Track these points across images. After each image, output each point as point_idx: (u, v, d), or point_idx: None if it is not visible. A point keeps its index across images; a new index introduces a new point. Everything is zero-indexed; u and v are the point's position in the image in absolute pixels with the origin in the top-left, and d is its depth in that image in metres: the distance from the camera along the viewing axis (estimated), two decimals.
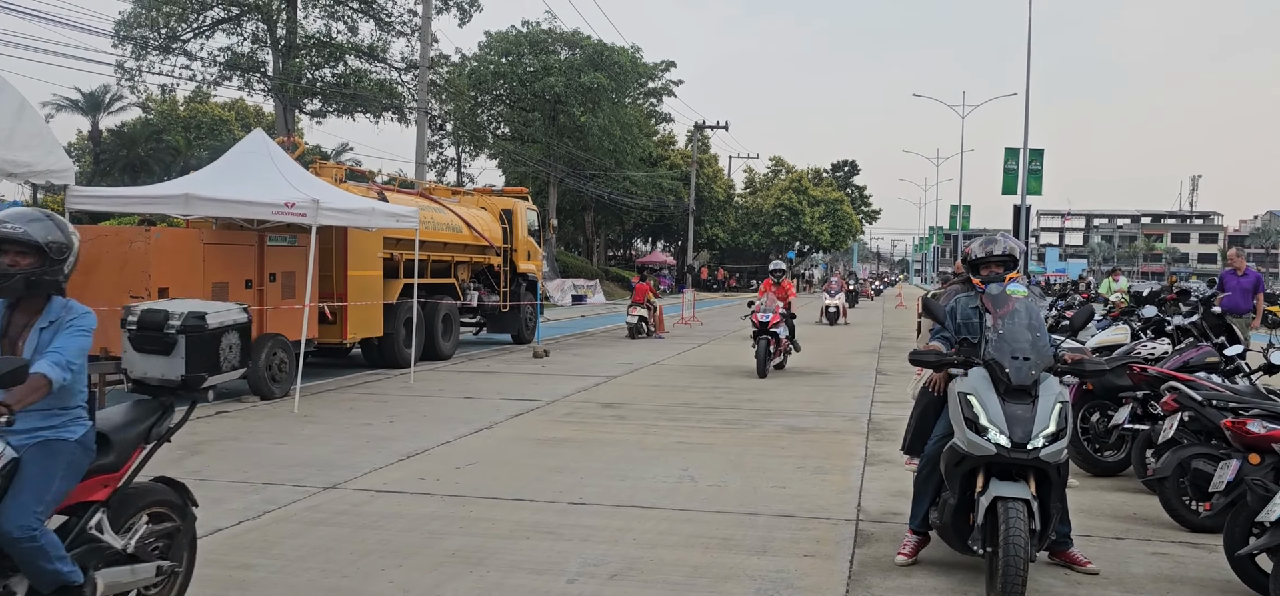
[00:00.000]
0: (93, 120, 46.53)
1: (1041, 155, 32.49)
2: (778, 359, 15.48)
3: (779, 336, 15.24)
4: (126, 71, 30.85)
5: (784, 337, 15.45)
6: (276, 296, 12.56)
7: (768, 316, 15.04)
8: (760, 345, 14.96)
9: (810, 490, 7.46)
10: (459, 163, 54.06)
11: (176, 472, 7.67)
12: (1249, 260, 16.11)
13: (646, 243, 73.72)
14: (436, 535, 6.10)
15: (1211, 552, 5.76)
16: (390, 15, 32.94)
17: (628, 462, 8.35)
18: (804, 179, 72.18)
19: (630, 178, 51.83)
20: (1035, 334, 5.10)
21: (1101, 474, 7.93)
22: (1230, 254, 15.55)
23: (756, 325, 15.09)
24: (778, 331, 15.20)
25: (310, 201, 11.48)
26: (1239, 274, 14.44)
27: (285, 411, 10.95)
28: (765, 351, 14.90)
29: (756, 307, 15.26)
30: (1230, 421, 5.37)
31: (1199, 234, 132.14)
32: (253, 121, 46.13)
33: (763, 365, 14.75)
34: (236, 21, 31.64)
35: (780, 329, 15.27)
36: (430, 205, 17.24)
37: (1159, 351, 8.31)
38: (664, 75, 53.29)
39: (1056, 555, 5.53)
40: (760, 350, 14.91)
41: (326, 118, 34.36)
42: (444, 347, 16.86)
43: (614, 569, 5.49)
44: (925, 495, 5.56)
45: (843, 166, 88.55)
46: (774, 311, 15.18)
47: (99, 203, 13.27)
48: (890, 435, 9.66)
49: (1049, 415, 4.84)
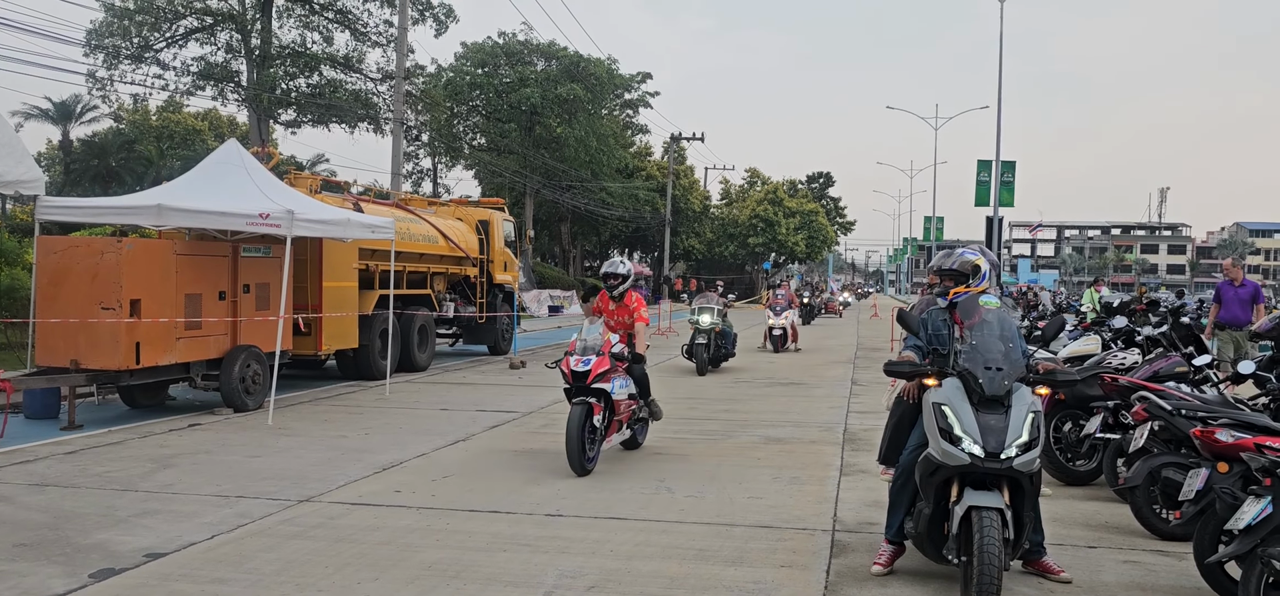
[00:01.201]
0: (63, 130, 46.03)
1: (1013, 167, 32.86)
2: (611, 440, 8.75)
3: (612, 398, 8.46)
4: (98, 80, 30.51)
5: (624, 398, 8.69)
6: (250, 308, 12.47)
7: (588, 363, 8.34)
8: (573, 421, 8.10)
9: (786, 500, 7.49)
10: (435, 173, 53.89)
11: (148, 486, 7.63)
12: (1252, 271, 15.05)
13: (623, 253, 73.75)
14: (413, 548, 6.07)
15: (1182, 560, 5.83)
16: (366, 25, 32.81)
17: (604, 474, 8.34)
18: (779, 190, 72.48)
19: (607, 188, 51.87)
20: (1008, 344, 5.15)
21: (1074, 483, 8.01)
22: (1226, 264, 14.29)
23: (570, 380, 8.40)
24: (608, 389, 8.42)
25: (285, 212, 11.42)
26: (1236, 284, 13.47)
27: (259, 424, 10.86)
28: (579, 441, 8.05)
29: (572, 345, 8.65)
30: (1199, 430, 5.43)
31: (1168, 245, 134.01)
32: (226, 131, 45.81)
33: (577, 459, 8.07)
34: (210, 31, 31.38)
35: (615, 384, 8.50)
36: (406, 216, 17.18)
37: (1129, 361, 8.40)
38: (640, 87, 53.39)
39: (1030, 564, 5.58)
40: (572, 435, 8.04)
41: (301, 128, 34.14)
42: (420, 359, 16.79)
43: (591, 580, 5.49)
44: (900, 505, 5.60)
45: (818, 178, 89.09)
46: (600, 352, 8.46)
47: (70, 213, 13.13)
48: (866, 445, 9.71)
49: (1022, 425, 4.89)
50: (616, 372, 8.58)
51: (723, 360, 17.89)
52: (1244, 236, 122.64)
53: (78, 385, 10.99)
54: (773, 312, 22.94)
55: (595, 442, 8.37)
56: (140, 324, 10.87)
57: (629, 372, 8.89)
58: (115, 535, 6.28)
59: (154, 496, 7.37)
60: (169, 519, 6.70)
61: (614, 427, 8.69)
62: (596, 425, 8.32)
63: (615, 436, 8.85)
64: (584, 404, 8.22)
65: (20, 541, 6.11)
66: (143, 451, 9.09)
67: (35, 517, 6.69)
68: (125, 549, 5.97)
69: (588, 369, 8.30)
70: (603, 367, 8.35)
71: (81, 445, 9.41)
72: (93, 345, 10.77)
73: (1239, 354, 12.40)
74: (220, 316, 12.02)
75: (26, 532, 6.31)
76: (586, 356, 8.40)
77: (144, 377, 11.32)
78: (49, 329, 10.92)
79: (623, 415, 8.74)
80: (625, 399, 8.73)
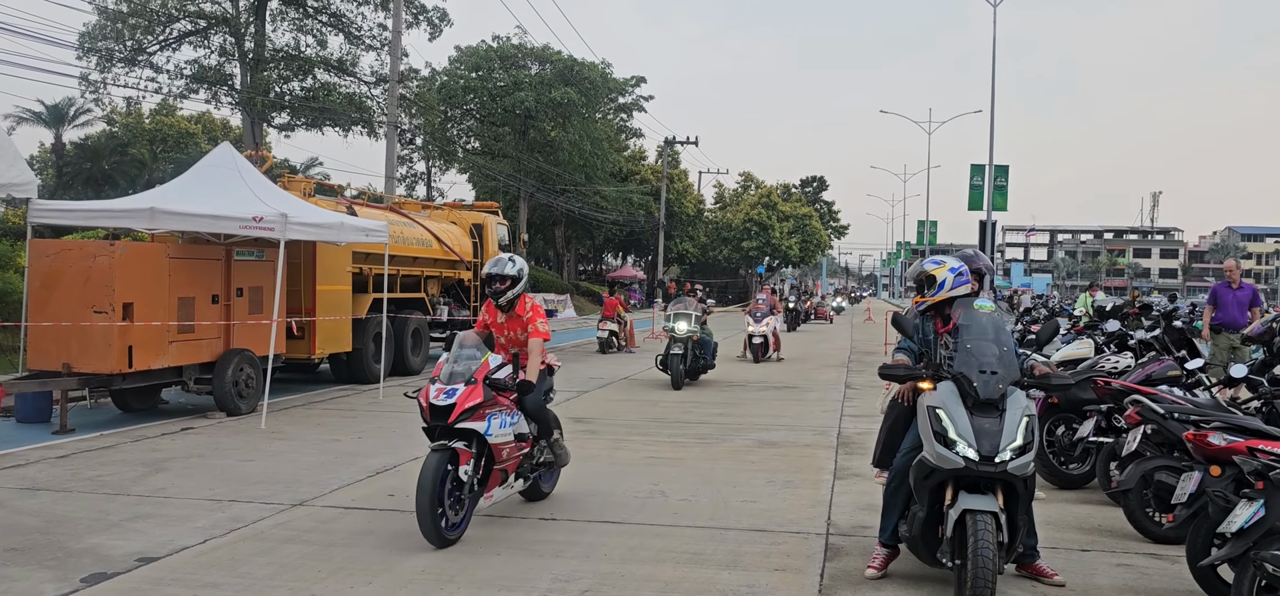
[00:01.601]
0: (56, 133, 45.83)
1: (1006, 171, 32.88)
2: (491, 496, 6.84)
3: (487, 441, 6.31)
4: (91, 84, 30.44)
5: (508, 441, 6.51)
6: (243, 311, 12.44)
7: (452, 394, 6.25)
8: (426, 472, 6.03)
9: (780, 504, 7.49)
10: (429, 177, 53.88)
11: (141, 489, 7.61)
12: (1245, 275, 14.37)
13: (617, 257, 73.74)
14: (406, 552, 6.05)
15: (1175, 564, 5.85)
16: (360, 29, 32.81)
17: (599, 477, 8.34)
18: (773, 194, 72.53)
19: (601, 192, 51.85)
20: (1002, 348, 5.17)
21: (1067, 486, 8.03)
22: (1227, 265, 13.81)
23: (427, 417, 6.30)
24: (481, 429, 6.28)
25: (278, 216, 11.40)
26: (1234, 287, 13.13)
27: (252, 427, 10.84)
28: (431, 501, 5.97)
29: (438, 368, 6.53)
30: (1192, 434, 5.45)
31: (1160, 249, 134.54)
32: (220, 135, 45.69)
33: (429, 525, 6.04)
34: (204, 34, 31.34)
35: (493, 422, 6.35)
36: (400, 220, 17.16)
37: (1122, 365, 8.42)
38: (634, 91, 53.39)
39: (1023, 567, 5.59)
40: (423, 493, 5.98)
41: (295, 131, 34.14)
42: (413, 362, 16.77)
43: (585, 585, 5.48)
44: (894, 508, 5.61)
45: (811, 182, 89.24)
46: (472, 379, 6.34)
47: (62, 217, 13.09)
48: (860, 449, 9.72)
49: (1016, 428, 4.91)
50: (496, 407, 6.42)
51: (701, 372, 16.22)
52: (1235, 240, 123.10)
53: (70, 389, 10.96)
54: (752, 319, 21.21)
55: (462, 503, 6.25)
56: (133, 327, 10.84)
57: (520, 405, 6.72)
58: (107, 539, 6.26)
59: (146, 500, 7.35)
60: (162, 523, 6.68)
61: (495, 479, 6.54)
62: (463, 479, 6.17)
63: (499, 491, 6.88)
64: (445, 450, 6.11)
65: (12, 546, 6.09)
66: (135, 455, 9.07)
67: (27, 522, 6.67)
68: (117, 553, 5.95)
69: (451, 402, 6.18)
70: (473, 400, 6.21)
71: (73, 449, 9.38)
72: (85, 348, 10.74)
73: (1237, 358, 12.36)
74: (213, 320, 11.99)
75: (18, 537, 6.29)
76: (452, 386, 6.28)
77: (136, 381, 11.29)
78: (41, 332, 10.88)
79: (506, 463, 6.54)
80: (509, 441, 6.51)
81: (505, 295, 7.08)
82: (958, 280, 5.73)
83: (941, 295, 5.70)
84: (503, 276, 7.09)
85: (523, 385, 6.67)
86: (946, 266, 5.79)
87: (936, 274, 5.75)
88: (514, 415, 6.64)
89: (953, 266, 5.79)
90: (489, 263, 7.27)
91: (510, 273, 7.09)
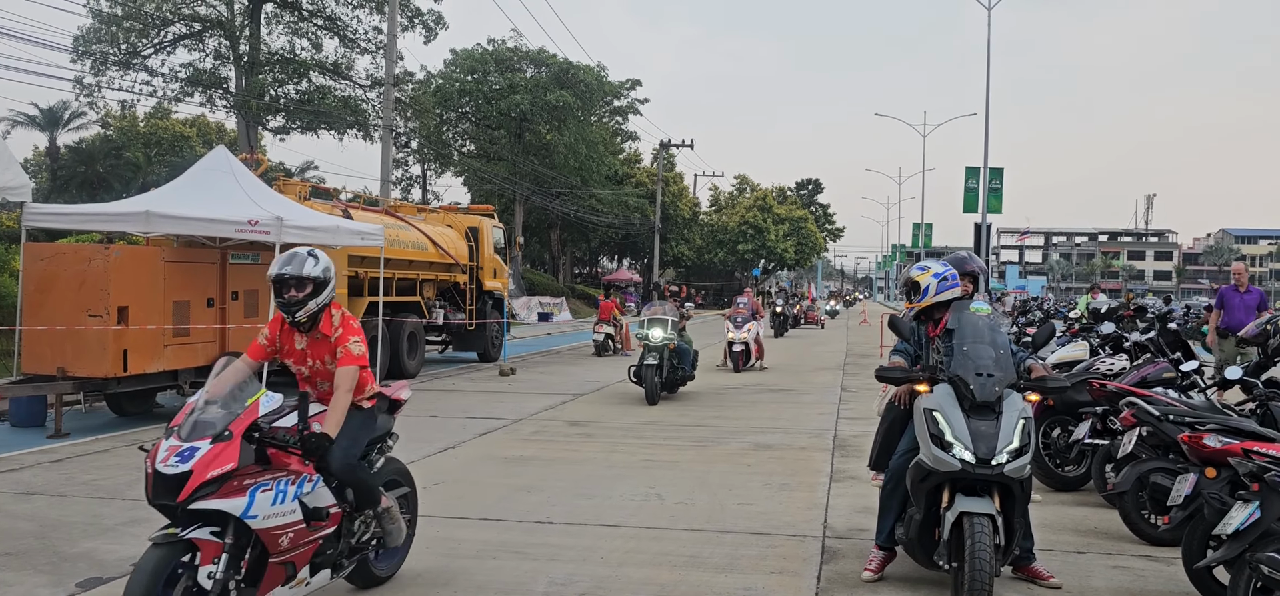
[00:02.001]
0: (50, 136, 45.73)
1: (1001, 174, 32.90)
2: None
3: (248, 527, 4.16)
4: (85, 87, 30.40)
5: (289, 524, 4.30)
6: (238, 315, 12.42)
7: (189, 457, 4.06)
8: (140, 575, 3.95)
9: (777, 507, 7.49)
10: (424, 180, 53.89)
11: (135, 495, 7.57)
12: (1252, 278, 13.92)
13: (613, 260, 73.74)
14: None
15: (1170, 565, 5.86)
16: (355, 32, 32.80)
17: (595, 481, 8.33)
18: (769, 197, 72.64)
19: (596, 195, 51.88)
20: (998, 351, 5.17)
21: (1063, 488, 8.04)
22: (1235, 268, 13.51)
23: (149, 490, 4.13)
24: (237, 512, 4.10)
25: (273, 219, 11.39)
26: (1241, 290, 12.86)
27: None
28: None
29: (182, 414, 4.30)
30: (1187, 436, 5.46)
31: (1155, 251, 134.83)
32: (215, 138, 45.60)
33: None
34: (198, 37, 31.32)
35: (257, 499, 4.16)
36: (395, 223, 17.16)
37: (1117, 367, 8.45)
38: (629, 94, 53.45)
39: (1020, 569, 5.60)
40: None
41: (290, 134, 34.08)
42: (409, 366, 16.75)
43: (582, 588, 5.47)
44: (891, 511, 5.61)
45: (807, 185, 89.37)
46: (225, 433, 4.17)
47: (57, 220, 13.06)
48: (856, 451, 9.72)
49: (1012, 431, 4.91)
50: (273, 474, 4.35)
51: (680, 383, 14.72)
52: (1229, 243, 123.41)
53: (64, 393, 10.93)
54: (732, 325, 19.58)
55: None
56: (128, 331, 10.81)
57: (321, 467, 4.57)
58: (102, 544, 6.24)
59: (141, 504, 7.27)
60: (156, 527, 6.64)
61: (274, 577, 4.38)
62: (204, 585, 4.04)
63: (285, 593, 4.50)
64: (170, 543, 4.06)
65: (6, 551, 6.07)
66: (130, 459, 9.03)
67: (21, 526, 6.64)
68: (112, 557, 5.93)
69: (185, 469, 4.03)
70: (220, 465, 4.08)
71: (68, 453, 9.35)
72: (80, 352, 10.71)
73: (1245, 362, 12.31)
74: (208, 323, 11.96)
75: (12, 542, 6.26)
76: (192, 444, 4.12)
77: (131, 385, 11.26)
78: (35, 336, 10.85)
79: (289, 554, 4.38)
80: (291, 523, 4.33)
81: (304, 307, 4.81)
82: (942, 285, 5.72)
83: (926, 301, 5.71)
84: (299, 279, 4.79)
85: (309, 441, 4.41)
86: (930, 272, 5.78)
87: (920, 280, 5.76)
88: (304, 482, 4.44)
89: (937, 272, 5.78)
90: (277, 259, 4.89)
91: (310, 273, 4.80)
